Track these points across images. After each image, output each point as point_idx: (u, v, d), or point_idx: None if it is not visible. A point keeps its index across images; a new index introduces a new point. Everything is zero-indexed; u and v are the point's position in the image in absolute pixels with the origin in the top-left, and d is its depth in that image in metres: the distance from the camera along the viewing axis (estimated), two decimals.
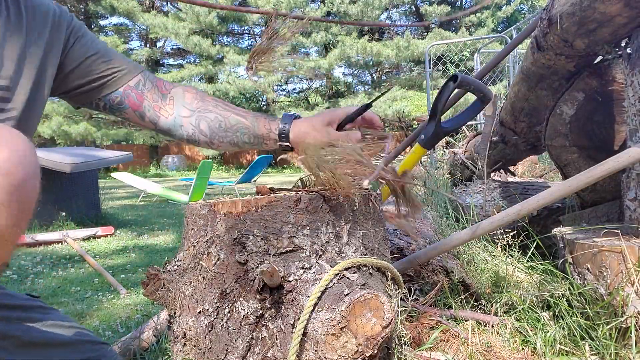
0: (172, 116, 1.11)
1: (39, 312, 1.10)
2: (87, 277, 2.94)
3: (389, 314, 0.74)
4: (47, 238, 4.05)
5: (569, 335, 1.07)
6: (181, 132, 1.11)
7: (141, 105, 1.09)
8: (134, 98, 1.08)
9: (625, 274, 1.04)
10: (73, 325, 1.14)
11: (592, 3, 1.16)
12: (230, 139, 1.11)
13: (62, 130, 16.60)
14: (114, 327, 1.96)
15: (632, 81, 1.25)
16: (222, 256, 0.85)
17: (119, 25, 24.62)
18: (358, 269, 0.84)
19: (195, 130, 1.10)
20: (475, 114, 1.28)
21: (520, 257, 1.56)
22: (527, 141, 2.19)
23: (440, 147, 6.49)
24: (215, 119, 1.10)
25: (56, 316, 1.13)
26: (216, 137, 1.10)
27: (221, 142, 1.11)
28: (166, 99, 1.11)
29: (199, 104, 1.11)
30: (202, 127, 1.10)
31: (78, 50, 1.04)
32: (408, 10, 25.12)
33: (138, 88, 1.09)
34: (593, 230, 1.32)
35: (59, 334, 1.10)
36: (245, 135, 1.10)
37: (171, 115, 1.11)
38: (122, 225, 5.14)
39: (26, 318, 1.07)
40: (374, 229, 0.92)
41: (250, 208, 0.84)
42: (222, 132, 1.10)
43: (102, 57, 1.06)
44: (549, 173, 3.51)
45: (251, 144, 1.11)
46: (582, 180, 1.18)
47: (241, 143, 1.11)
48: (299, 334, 0.76)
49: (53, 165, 4.43)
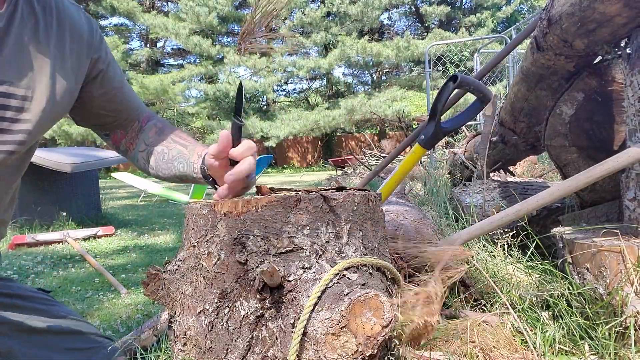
0: (134, 151, 1.19)
1: (42, 303, 1.12)
2: (88, 276, 2.94)
3: (389, 314, 0.74)
4: (48, 238, 4.06)
5: (569, 335, 1.07)
6: (138, 164, 1.19)
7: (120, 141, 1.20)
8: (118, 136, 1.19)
9: (625, 273, 1.04)
10: (77, 318, 1.16)
11: (592, 3, 1.17)
12: (170, 170, 1.13)
13: (63, 130, 16.62)
14: (114, 326, 1.96)
15: (631, 81, 1.25)
16: (223, 256, 0.85)
17: (119, 26, 24.64)
18: (358, 269, 0.84)
19: (146, 163, 1.17)
20: (475, 114, 1.28)
21: (520, 256, 1.56)
22: (526, 141, 2.19)
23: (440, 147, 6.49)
24: (161, 151, 1.14)
25: (61, 309, 1.15)
26: (160, 169, 1.14)
27: (164, 174, 1.14)
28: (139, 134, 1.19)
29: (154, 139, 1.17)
30: (150, 160, 1.16)
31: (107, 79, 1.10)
32: (408, 10, 25.10)
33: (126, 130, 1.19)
34: (592, 230, 1.32)
35: (61, 324, 1.11)
36: (180, 165, 1.08)
37: (134, 150, 1.19)
38: (122, 225, 5.15)
39: (28, 307, 1.09)
40: (374, 229, 0.92)
41: (250, 208, 0.84)
42: (164, 163, 1.13)
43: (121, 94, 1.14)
44: (549, 173, 3.52)
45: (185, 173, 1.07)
46: (582, 180, 1.19)
47: (179, 173, 1.09)
48: (299, 333, 0.76)
49: (53, 165, 4.43)
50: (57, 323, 1.11)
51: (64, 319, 1.13)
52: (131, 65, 20.86)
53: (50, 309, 1.13)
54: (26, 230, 4.49)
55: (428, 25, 23.40)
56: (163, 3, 24.51)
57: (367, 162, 7.21)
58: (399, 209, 1.94)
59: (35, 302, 1.12)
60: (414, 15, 24.83)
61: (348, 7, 18.35)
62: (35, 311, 1.09)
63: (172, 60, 25.47)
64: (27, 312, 1.08)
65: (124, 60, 18.37)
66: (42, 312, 1.10)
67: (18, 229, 4.56)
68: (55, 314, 1.12)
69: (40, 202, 4.73)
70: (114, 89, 1.10)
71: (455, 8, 22.96)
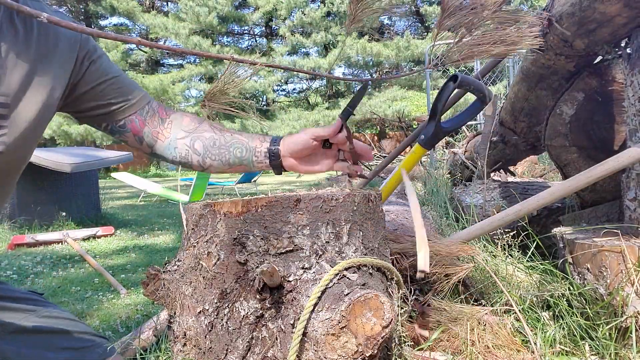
0: (168, 139, 1.13)
1: (33, 304, 1.12)
2: (88, 277, 2.94)
3: (389, 314, 0.74)
4: (48, 238, 4.06)
5: (569, 335, 1.07)
6: (174, 154, 1.13)
7: (142, 130, 1.12)
8: (137, 124, 1.11)
9: (625, 274, 1.04)
10: (69, 317, 1.16)
11: (592, 3, 1.17)
12: (223, 156, 1.11)
13: (62, 130, 16.62)
14: (114, 326, 1.96)
15: (632, 81, 1.25)
16: (222, 256, 0.85)
17: (119, 26, 24.63)
18: (358, 269, 0.84)
19: (189, 150, 1.12)
20: (475, 114, 1.28)
21: (520, 257, 1.56)
22: (526, 141, 2.19)
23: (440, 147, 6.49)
24: (210, 137, 1.12)
25: (52, 309, 1.15)
26: (209, 155, 1.12)
27: (213, 161, 1.12)
28: (165, 123, 1.14)
29: (196, 126, 1.14)
30: (196, 146, 1.12)
31: (93, 73, 1.06)
32: (408, 10, 25.11)
33: (142, 115, 1.12)
34: (593, 230, 1.32)
35: (54, 324, 1.11)
36: (237, 150, 1.10)
37: (167, 139, 1.13)
38: (122, 225, 5.15)
39: (19, 308, 1.09)
40: (374, 229, 0.92)
41: (250, 208, 0.84)
42: (216, 149, 1.11)
43: (116, 83, 1.08)
44: (549, 173, 3.52)
45: (241, 158, 1.11)
46: (582, 180, 1.18)
47: (232, 159, 1.11)
48: (299, 333, 0.76)
49: (53, 165, 4.43)
50: (50, 323, 1.11)
51: (57, 319, 1.13)
52: (131, 65, 20.88)
53: (42, 309, 1.12)
54: (26, 231, 4.48)
55: (428, 25, 23.41)
56: (163, 3, 24.51)
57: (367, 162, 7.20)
58: (399, 209, 1.93)
59: (27, 303, 1.11)
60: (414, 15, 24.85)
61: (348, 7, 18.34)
62: (26, 312, 1.09)
63: (172, 60, 25.51)
64: (18, 313, 1.08)
65: (123, 60, 18.38)
66: (33, 313, 1.10)
67: (18, 229, 4.56)
68: (48, 315, 1.12)
69: (39, 202, 4.73)
70: (112, 77, 1.07)
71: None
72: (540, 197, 1.24)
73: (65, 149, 5.97)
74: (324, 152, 1.08)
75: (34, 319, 1.09)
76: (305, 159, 1.08)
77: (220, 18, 18.95)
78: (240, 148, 1.10)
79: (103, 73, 1.06)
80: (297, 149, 1.06)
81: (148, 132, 1.12)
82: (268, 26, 22.39)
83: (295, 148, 1.06)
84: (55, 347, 1.09)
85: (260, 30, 23.69)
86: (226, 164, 1.12)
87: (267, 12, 19.58)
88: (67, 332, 1.12)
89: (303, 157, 1.07)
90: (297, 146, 1.05)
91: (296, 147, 1.06)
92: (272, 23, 21.98)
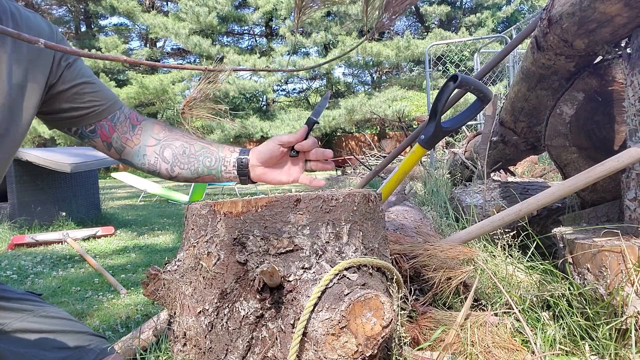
0: (137, 146, 1.14)
1: (30, 304, 1.12)
2: (88, 277, 2.94)
3: (389, 314, 0.74)
4: (47, 238, 4.05)
5: (569, 335, 1.07)
6: (143, 160, 1.14)
7: (110, 136, 1.13)
8: (106, 129, 1.12)
9: (625, 274, 1.04)
10: (67, 317, 1.16)
11: (592, 3, 1.17)
12: (192, 165, 1.12)
13: None
14: (114, 326, 1.96)
15: (632, 81, 1.25)
16: (222, 256, 0.85)
17: (119, 25, 24.63)
18: (358, 269, 0.84)
19: (158, 158, 1.13)
20: (475, 114, 1.28)
21: (520, 257, 1.56)
22: (527, 141, 2.19)
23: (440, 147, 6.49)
24: (180, 145, 1.13)
25: (50, 309, 1.14)
26: (177, 163, 1.12)
27: (182, 170, 1.13)
28: (135, 129, 1.14)
29: (167, 134, 1.14)
30: (165, 154, 1.13)
31: (70, 75, 1.06)
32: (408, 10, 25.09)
33: (112, 120, 1.13)
34: (593, 230, 1.32)
35: (50, 323, 1.11)
36: (207, 159, 1.12)
37: (136, 145, 1.14)
38: (122, 225, 5.14)
39: (15, 308, 1.09)
40: (374, 229, 0.92)
41: (250, 208, 0.84)
42: (185, 158, 1.12)
43: (90, 86, 1.09)
44: (549, 173, 3.51)
45: (210, 168, 1.12)
46: (582, 180, 1.19)
47: (201, 168, 1.12)
48: (299, 333, 0.76)
49: (53, 165, 4.43)
50: (47, 323, 1.11)
51: (54, 318, 1.12)
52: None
53: (39, 309, 1.12)
54: (25, 231, 4.48)
55: (428, 25, 23.41)
56: (163, 3, 24.51)
57: (367, 162, 7.21)
58: (399, 209, 1.93)
59: (24, 303, 1.11)
60: (414, 15, 24.84)
61: (348, 7, 18.35)
62: (24, 312, 1.09)
63: (172, 60, 25.49)
64: (16, 313, 1.08)
65: None
66: (31, 313, 1.10)
67: (18, 229, 4.56)
68: (45, 314, 1.12)
69: (39, 202, 4.73)
70: (84, 81, 1.07)
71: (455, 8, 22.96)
72: (540, 197, 1.24)
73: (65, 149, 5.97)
74: (291, 161, 1.12)
75: (32, 318, 1.09)
76: (274, 168, 1.11)
77: (220, 18, 18.94)
78: (210, 157, 1.12)
79: (79, 75, 1.06)
80: (264, 157, 1.09)
81: (117, 138, 1.13)
82: (268, 26, 22.37)
83: (263, 156, 1.09)
84: (52, 347, 1.09)
85: (260, 30, 23.68)
86: (195, 173, 1.13)
87: (267, 12, 19.57)
88: (65, 331, 1.12)
89: (272, 166, 1.11)
90: (265, 154, 1.09)
91: (264, 154, 1.09)
92: (272, 23, 21.97)
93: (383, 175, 4.05)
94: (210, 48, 18.38)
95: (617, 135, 1.48)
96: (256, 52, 20.40)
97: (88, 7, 20.37)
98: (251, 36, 24.42)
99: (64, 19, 22.99)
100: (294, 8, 0.90)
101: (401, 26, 26.48)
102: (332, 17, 19.82)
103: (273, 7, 19.10)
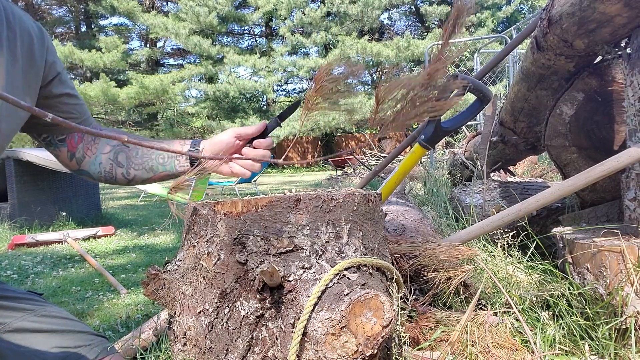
0: (95, 154, 1.15)
1: (30, 303, 1.12)
2: (88, 277, 2.94)
3: (389, 314, 0.74)
4: (48, 238, 4.05)
5: (569, 335, 1.07)
6: (99, 169, 1.16)
7: (77, 147, 1.15)
8: (75, 140, 1.14)
9: (625, 273, 1.04)
10: (67, 317, 1.16)
11: (592, 3, 1.17)
12: (146, 164, 1.14)
13: None
14: (114, 326, 1.96)
15: (631, 81, 1.25)
16: (222, 256, 0.85)
17: (119, 25, 24.62)
18: (358, 269, 0.84)
19: (113, 163, 1.15)
20: (475, 114, 1.28)
21: (520, 257, 1.56)
22: (526, 141, 2.19)
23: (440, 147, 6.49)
24: (133, 148, 1.15)
25: (51, 308, 1.14)
26: (132, 165, 1.14)
27: (137, 170, 1.14)
28: (96, 139, 1.16)
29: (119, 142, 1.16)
30: (119, 158, 1.14)
31: (58, 83, 1.08)
32: (408, 10, 25.10)
33: (82, 134, 1.15)
34: (593, 230, 1.32)
35: (51, 323, 1.11)
36: (160, 156, 1.13)
37: (94, 154, 1.16)
38: (122, 225, 5.15)
39: (15, 307, 1.09)
40: (373, 229, 0.92)
41: (250, 208, 0.84)
42: (139, 158, 1.14)
43: (73, 99, 1.11)
44: (549, 173, 3.51)
45: (164, 164, 1.14)
46: (582, 180, 1.19)
47: (155, 165, 1.14)
48: (299, 333, 0.76)
49: (53, 165, 4.43)
50: (47, 322, 1.11)
51: (55, 318, 1.12)
52: (131, 65, 20.85)
53: (40, 308, 1.12)
54: (26, 230, 4.48)
55: (428, 25, 23.40)
56: (163, 3, 24.50)
57: (367, 162, 7.21)
58: (399, 209, 1.94)
59: (25, 303, 1.11)
60: (414, 15, 24.83)
61: (348, 7, 18.34)
62: (24, 311, 1.09)
63: (172, 60, 25.48)
64: (16, 312, 1.08)
65: (124, 60, 18.36)
66: (31, 312, 1.10)
67: (18, 229, 4.56)
68: (46, 314, 1.12)
69: (40, 202, 4.73)
70: (69, 92, 1.10)
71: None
72: (540, 197, 1.24)
73: None
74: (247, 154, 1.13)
75: (32, 318, 1.09)
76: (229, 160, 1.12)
77: (220, 18, 18.93)
78: (162, 154, 1.13)
79: (65, 86, 1.09)
80: (218, 148, 1.10)
81: (81, 148, 1.15)
82: (268, 26, 22.37)
83: (216, 147, 1.10)
84: (53, 346, 1.09)
85: (260, 30, 23.67)
86: (150, 171, 1.14)
87: (267, 12, 19.57)
88: (66, 331, 1.12)
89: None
90: (218, 145, 1.10)
91: (217, 146, 1.10)
92: (272, 23, 21.96)
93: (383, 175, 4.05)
94: (210, 48, 18.39)
95: (616, 135, 1.49)
96: (256, 52, 20.40)
97: (88, 7, 20.37)
98: (251, 36, 24.42)
99: (64, 19, 22.97)
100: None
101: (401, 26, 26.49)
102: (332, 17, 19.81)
103: (273, 7, 19.09)
